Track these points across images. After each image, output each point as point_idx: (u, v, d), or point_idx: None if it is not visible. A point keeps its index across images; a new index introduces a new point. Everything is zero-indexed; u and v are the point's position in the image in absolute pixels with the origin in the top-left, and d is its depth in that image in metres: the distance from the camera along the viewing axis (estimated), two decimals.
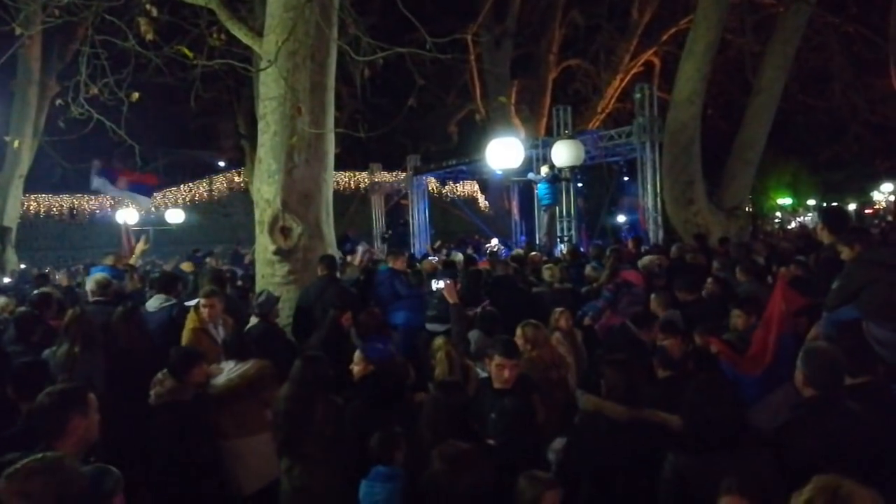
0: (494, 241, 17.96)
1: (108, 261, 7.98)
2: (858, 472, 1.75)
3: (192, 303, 5.88)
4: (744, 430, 3.01)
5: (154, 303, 6.11)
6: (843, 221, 5.16)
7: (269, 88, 7.18)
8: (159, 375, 4.30)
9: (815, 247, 8.39)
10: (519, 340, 4.74)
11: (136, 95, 7.27)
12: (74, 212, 23.79)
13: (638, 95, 13.39)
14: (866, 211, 38.16)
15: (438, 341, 4.78)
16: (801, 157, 32.31)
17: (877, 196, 37.12)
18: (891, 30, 14.56)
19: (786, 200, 36.73)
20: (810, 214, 36.73)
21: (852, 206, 38.87)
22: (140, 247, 10.33)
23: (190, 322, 5.56)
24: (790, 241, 12.86)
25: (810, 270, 7.48)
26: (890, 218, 20.41)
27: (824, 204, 34.02)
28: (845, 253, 4.66)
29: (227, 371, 4.59)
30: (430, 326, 6.40)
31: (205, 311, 5.57)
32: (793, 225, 32.41)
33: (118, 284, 6.87)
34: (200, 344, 5.27)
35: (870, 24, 15.83)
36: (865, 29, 15.93)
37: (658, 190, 13.05)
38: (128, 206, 17.09)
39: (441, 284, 5.62)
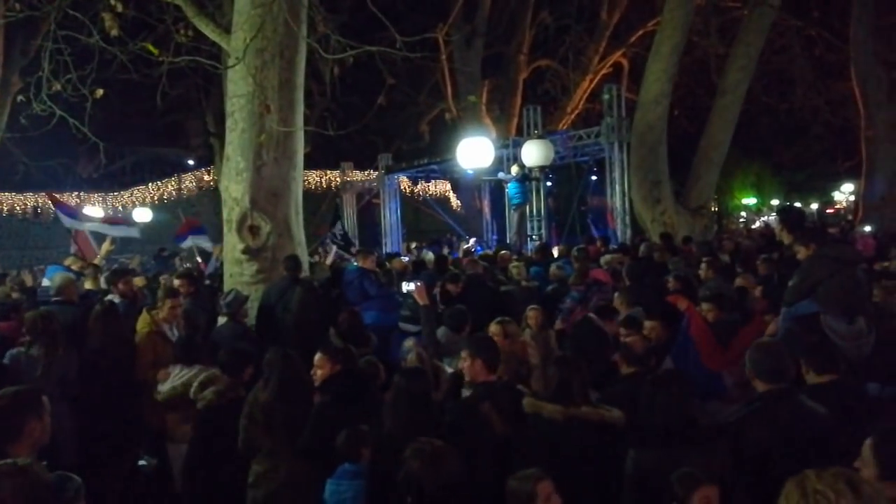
0: (472, 241, 18.02)
1: (68, 262, 7.82)
2: (810, 464, 1.80)
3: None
4: (702, 425, 3.08)
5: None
6: (800, 221, 5.34)
7: (238, 86, 7.13)
8: (206, 375, 4.29)
9: (776, 246, 8.59)
10: (498, 337, 4.75)
11: (100, 92, 7.17)
12: (38, 210, 23.27)
13: (606, 96, 13.54)
14: (828, 211, 39.04)
15: (409, 342, 4.80)
16: (764, 158, 33.00)
17: (838, 196, 38.03)
18: (851, 33, 14.97)
19: (750, 200, 37.43)
20: (774, 214, 37.46)
21: (814, 206, 39.79)
22: (105, 247, 10.16)
23: (144, 325, 5.42)
24: (753, 239, 13.16)
25: (777, 268, 7.69)
26: (850, 217, 20.93)
27: (786, 204, 34.78)
28: (801, 252, 4.87)
29: (173, 377, 4.60)
30: (403, 326, 6.41)
31: (165, 312, 5.46)
32: (757, 224, 33.01)
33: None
34: (155, 348, 5.20)
35: (831, 28, 16.27)
36: (827, 32, 16.35)
37: (626, 189, 13.23)
38: (93, 205, 16.77)
39: (412, 286, 5.63)
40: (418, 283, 5.53)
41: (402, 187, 21.35)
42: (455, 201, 27.58)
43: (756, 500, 2.84)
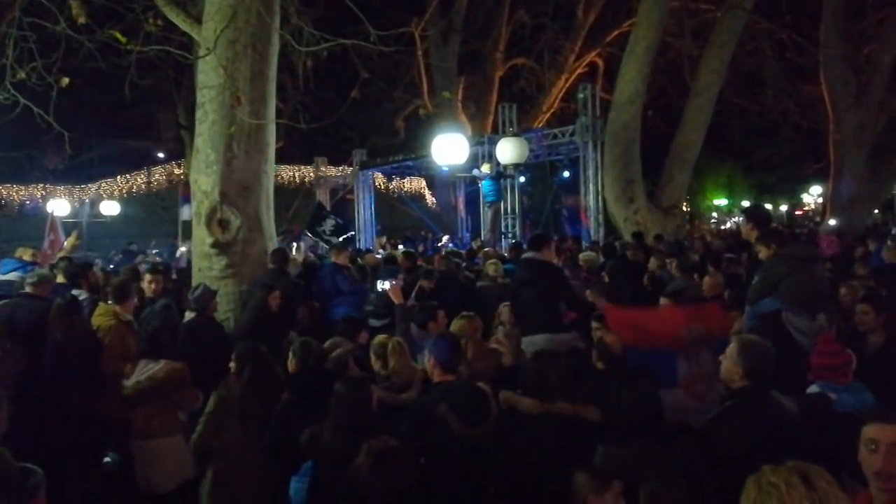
0: (445, 239, 18.00)
1: (25, 254, 7.56)
2: (783, 461, 1.82)
3: None
4: (670, 422, 3.09)
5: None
6: (765, 220, 5.46)
7: (208, 77, 6.99)
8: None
9: (745, 245, 8.71)
10: (467, 330, 4.73)
11: (65, 81, 7.00)
12: (2, 202, 22.71)
13: (581, 95, 13.61)
14: (797, 212, 39.77)
15: (381, 338, 4.74)
16: (736, 159, 33.50)
17: (807, 198, 38.74)
18: (821, 37, 15.22)
19: (722, 201, 37.96)
20: (740, 216, 38.07)
21: (784, 208, 40.49)
22: (71, 241, 9.93)
23: (107, 317, 5.21)
24: (723, 239, 13.33)
25: (744, 267, 7.80)
26: (818, 219, 21.33)
27: (754, 204, 35.34)
28: (763, 252, 4.98)
29: (138, 371, 4.54)
30: (370, 322, 6.37)
31: (129, 304, 5.34)
32: (728, 225, 33.51)
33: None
34: (123, 340, 5.07)
35: (802, 31, 16.52)
36: (798, 36, 16.61)
37: (600, 188, 13.31)
38: (60, 197, 16.41)
39: (387, 285, 5.59)
40: (393, 282, 5.50)
41: (376, 183, 21.25)
42: (430, 198, 27.54)
43: (729, 498, 2.85)
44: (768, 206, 37.01)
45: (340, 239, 12.13)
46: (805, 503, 1.67)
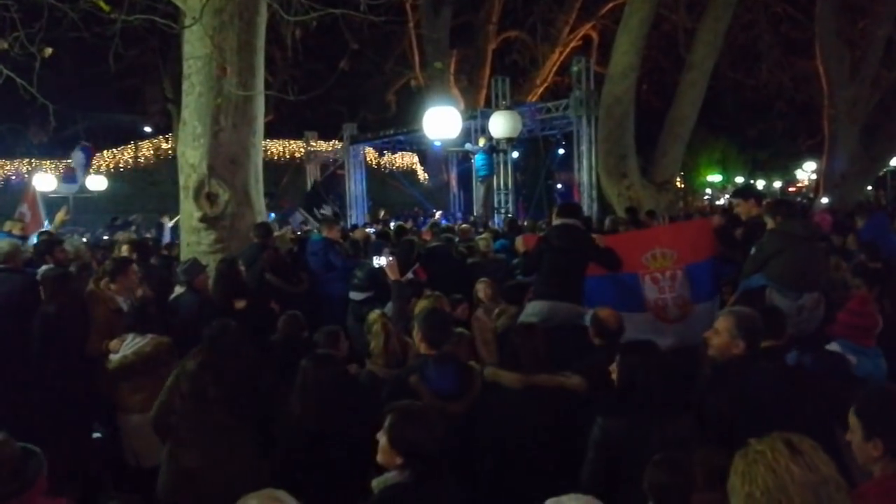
0: (438, 214, 17.91)
1: (15, 228, 7.47)
2: (770, 429, 1.83)
3: None
4: (670, 394, 3.06)
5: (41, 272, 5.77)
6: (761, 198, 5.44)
7: (194, 47, 6.84)
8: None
9: (739, 222, 8.65)
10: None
11: (48, 51, 6.81)
12: None
13: (575, 68, 13.47)
14: (790, 189, 39.78)
15: (374, 314, 4.67)
16: (730, 135, 33.41)
17: (800, 175, 38.70)
18: (816, 11, 15.06)
19: (716, 178, 37.90)
20: (727, 196, 38.08)
21: (777, 185, 40.50)
22: (60, 217, 9.82)
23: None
24: (718, 214, 13.26)
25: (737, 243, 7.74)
26: (811, 196, 21.34)
27: (750, 182, 35.36)
28: (769, 223, 4.91)
29: (125, 346, 4.47)
30: (352, 295, 6.30)
31: (118, 284, 5.20)
32: (721, 201, 33.49)
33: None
34: (109, 319, 4.98)
35: (797, 5, 16.35)
36: (793, 9, 16.44)
37: (594, 164, 13.21)
38: (45, 171, 16.18)
39: (383, 261, 5.49)
40: (390, 259, 5.40)
41: (367, 159, 21.07)
42: (422, 174, 27.37)
43: None
44: (762, 183, 37.12)
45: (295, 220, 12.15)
46: (791, 466, 1.69)
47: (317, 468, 3.11)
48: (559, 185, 18.48)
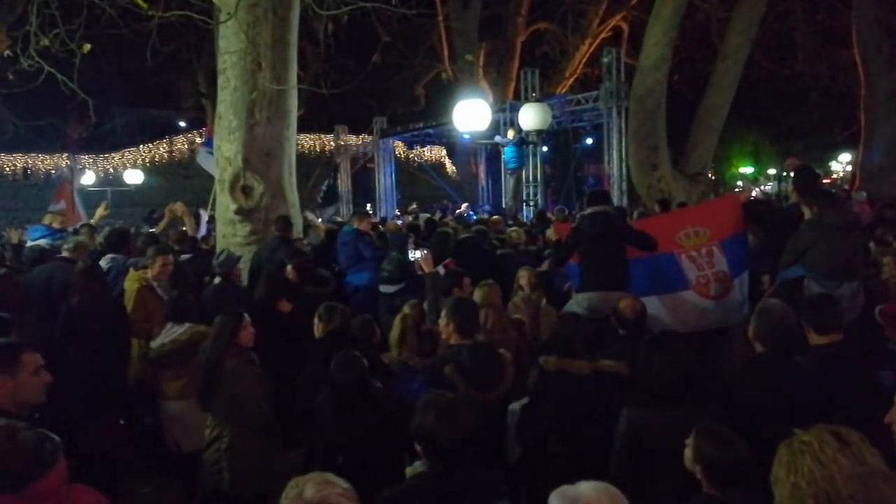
0: (464, 206, 17.94)
1: (55, 221, 7.68)
2: (802, 426, 1.81)
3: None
4: (694, 385, 3.07)
5: (104, 263, 5.96)
6: (809, 182, 5.30)
7: (229, 42, 6.97)
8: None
9: (772, 213, 8.53)
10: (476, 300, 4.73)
11: (87, 47, 6.99)
12: (28, 171, 22.98)
13: (605, 60, 13.33)
14: (825, 181, 38.90)
15: (406, 308, 4.75)
16: (763, 127, 32.73)
17: (835, 166, 37.86)
18: None
19: (748, 169, 37.24)
20: (771, 184, 37.35)
21: None
22: (100, 212, 10.08)
23: (133, 282, 5.35)
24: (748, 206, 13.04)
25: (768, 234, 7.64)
26: (846, 187, 20.88)
27: (784, 174, 34.60)
28: (807, 213, 4.85)
29: (164, 334, 4.60)
30: (382, 288, 6.36)
31: (155, 270, 5.39)
32: (754, 194, 32.92)
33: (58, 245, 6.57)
34: (146, 304, 5.15)
35: None
36: None
37: (623, 156, 13.10)
38: (84, 167, 16.54)
39: (419, 254, 5.56)
40: (425, 252, 5.46)
41: (397, 152, 21.15)
42: (451, 167, 27.38)
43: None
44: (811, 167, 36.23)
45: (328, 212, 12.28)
46: (839, 457, 1.67)
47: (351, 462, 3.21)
48: (589, 178, 18.35)
